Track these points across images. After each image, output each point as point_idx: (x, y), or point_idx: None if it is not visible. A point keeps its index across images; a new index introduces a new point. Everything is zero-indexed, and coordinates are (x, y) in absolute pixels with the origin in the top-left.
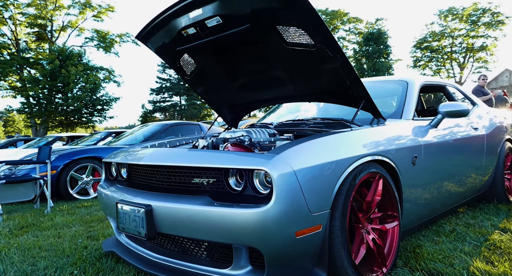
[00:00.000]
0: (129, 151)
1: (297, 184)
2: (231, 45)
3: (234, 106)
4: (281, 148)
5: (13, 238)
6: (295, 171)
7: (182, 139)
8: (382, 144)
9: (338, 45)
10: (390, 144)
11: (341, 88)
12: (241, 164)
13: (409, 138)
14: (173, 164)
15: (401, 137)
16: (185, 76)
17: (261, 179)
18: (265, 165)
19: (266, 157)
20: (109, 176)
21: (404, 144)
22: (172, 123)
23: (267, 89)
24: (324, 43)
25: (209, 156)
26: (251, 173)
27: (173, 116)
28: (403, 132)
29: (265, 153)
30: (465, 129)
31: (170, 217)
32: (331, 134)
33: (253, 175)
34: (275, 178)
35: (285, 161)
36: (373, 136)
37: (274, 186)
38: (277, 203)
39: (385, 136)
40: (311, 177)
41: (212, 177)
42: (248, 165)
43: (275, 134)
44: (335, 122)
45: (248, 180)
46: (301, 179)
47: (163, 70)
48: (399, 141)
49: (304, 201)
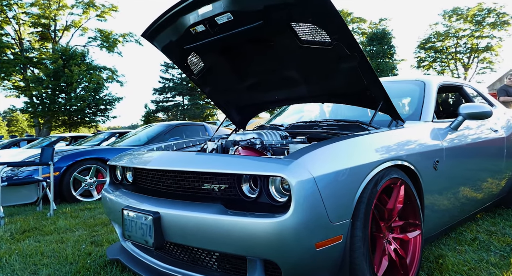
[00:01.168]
0: (135, 154)
1: (316, 191)
2: (241, 44)
3: (243, 107)
4: (298, 153)
5: (15, 243)
6: (314, 177)
7: (189, 141)
8: (403, 148)
9: (357, 43)
10: (412, 148)
11: (358, 89)
12: (256, 169)
13: (431, 142)
14: (183, 169)
15: (422, 140)
16: (192, 76)
17: (277, 186)
18: (283, 171)
19: (283, 163)
20: (114, 180)
21: (426, 148)
22: (176, 123)
23: (278, 89)
24: (342, 41)
25: (222, 161)
26: (267, 180)
27: (176, 116)
28: (424, 135)
29: (281, 158)
30: (485, 131)
31: (180, 225)
32: (351, 138)
33: (268, 181)
34: (294, 186)
35: (304, 167)
36: (394, 140)
37: (292, 194)
38: (296, 212)
39: (406, 140)
40: (331, 184)
41: (224, 183)
42: (264, 171)
43: (287, 136)
44: (350, 124)
45: (263, 187)
46: (320, 186)
47: (166, 70)
48: (420, 145)
49: (324, 210)
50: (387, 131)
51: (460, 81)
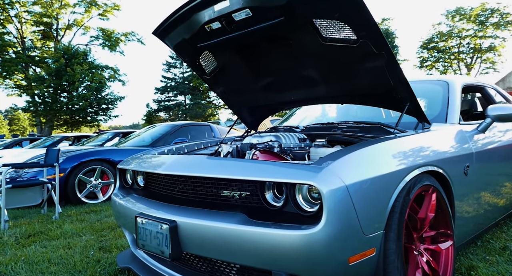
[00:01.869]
0: (146, 158)
1: (349, 201)
2: (257, 41)
3: (256, 107)
4: (327, 159)
5: (20, 249)
6: (347, 186)
7: (200, 143)
8: (434, 153)
9: (385, 40)
10: (442, 152)
11: (383, 89)
12: (284, 177)
13: (461, 145)
14: (201, 175)
15: (452, 144)
16: (204, 75)
17: (304, 194)
18: (313, 179)
19: (313, 170)
20: (123, 184)
21: (456, 152)
22: (182, 124)
23: (295, 89)
24: (369, 38)
25: (245, 167)
26: (293, 187)
27: (177, 115)
28: (453, 138)
29: (310, 165)
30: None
31: (199, 235)
32: (380, 142)
33: (295, 189)
34: (326, 195)
35: (335, 174)
36: (424, 144)
37: (324, 203)
38: (329, 224)
39: (436, 144)
40: (363, 193)
41: (245, 190)
42: (292, 178)
43: (305, 139)
44: (371, 126)
45: (290, 195)
46: (353, 195)
47: (168, 69)
48: (451, 149)
49: (358, 221)
50: (416, 135)
51: (482, 81)
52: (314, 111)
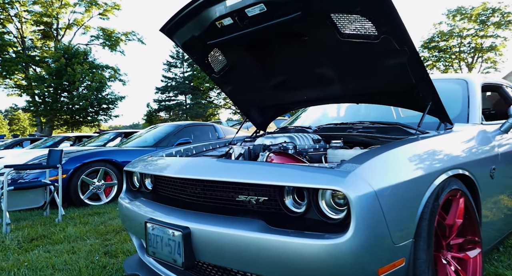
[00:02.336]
0: (155, 160)
1: (378, 208)
2: (270, 38)
3: (266, 107)
4: (352, 161)
5: (23, 254)
6: (375, 191)
7: (209, 143)
8: (460, 155)
9: (409, 36)
10: (469, 154)
11: (404, 88)
12: (307, 181)
13: (485, 147)
14: (216, 179)
15: (477, 145)
16: (212, 74)
17: (328, 200)
18: (339, 184)
19: (338, 174)
20: (130, 187)
21: (482, 154)
22: (185, 124)
23: (308, 88)
24: (392, 34)
25: (264, 170)
26: (316, 193)
27: (178, 115)
28: (478, 139)
29: (335, 168)
30: None
31: (214, 243)
32: (406, 144)
33: (317, 194)
34: (353, 201)
35: (363, 179)
36: (450, 145)
37: (352, 210)
38: (357, 232)
39: (461, 145)
40: (393, 198)
41: (263, 195)
42: (316, 183)
43: (319, 140)
44: (389, 126)
45: (312, 201)
46: (382, 201)
47: (168, 69)
48: (476, 151)
49: (387, 230)
50: (440, 136)
51: (500, 79)
52: (323, 111)
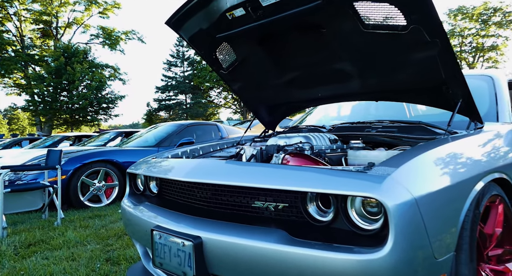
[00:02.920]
0: (160, 161)
1: (419, 218)
2: (285, 31)
3: (277, 105)
4: (386, 165)
5: (19, 261)
6: (416, 199)
7: (216, 144)
8: (498, 157)
9: (442, 26)
10: (506, 156)
11: (432, 84)
12: (335, 187)
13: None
14: (230, 183)
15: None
16: (220, 70)
17: (357, 207)
18: (375, 190)
19: (373, 179)
20: (134, 190)
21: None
22: (188, 123)
23: (324, 85)
24: (423, 23)
25: (284, 175)
26: (344, 200)
27: (178, 114)
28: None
29: (367, 172)
30: None
31: (229, 255)
32: (439, 145)
33: (346, 202)
34: (391, 210)
35: (401, 184)
36: (486, 147)
37: (390, 221)
38: (397, 246)
39: (497, 146)
40: (433, 207)
41: (282, 201)
42: (346, 189)
43: (336, 140)
44: (412, 126)
45: (341, 208)
46: (423, 210)
47: (168, 68)
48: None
49: (428, 243)
50: (473, 136)
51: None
52: (333, 110)
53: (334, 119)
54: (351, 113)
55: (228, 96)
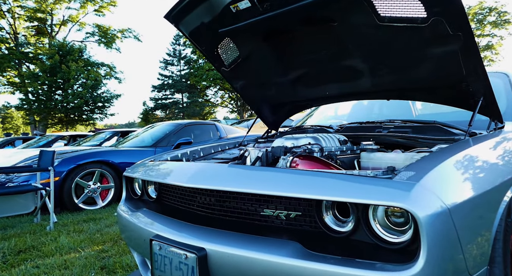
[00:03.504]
0: (159, 164)
1: (453, 230)
2: (292, 25)
3: (281, 104)
4: (411, 170)
5: (8, 270)
6: (449, 208)
7: (217, 145)
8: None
9: (466, 16)
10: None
11: (451, 81)
12: (358, 195)
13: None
14: (238, 190)
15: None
16: (222, 68)
17: (380, 218)
18: (404, 199)
19: (400, 186)
20: (131, 195)
21: None
22: (185, 122)
23: (332, 83)
24: (446, 15)
25: (298, 181)
26: (366, 208)
27: (174, 114)
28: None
29: (393, 178)
30: None
31: (237, 270)
32: (465, 149)
33: (368, 211)
34: (423, 221)
35: (432, 192)
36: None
37: (422, 233)
38: (430, 262)
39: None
40: (467, 217)
41: (294, 209)
42: (371, 198)
43: (346, 141)
44: (426, 126)
45: (362, 218)
46: (456, 221)
47: (165, 66)
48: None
49: (463, 258)
50: (497, 137)
51: None
52: (337, 109)
53: (338, 118)
54: (355, 113)
55: (224, 95)
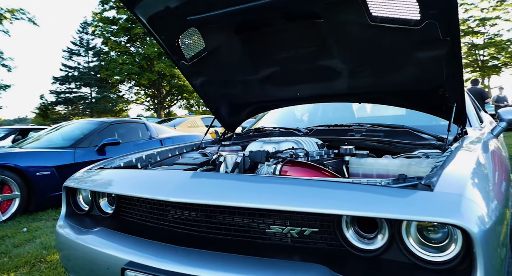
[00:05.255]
0: (116, 173)
1: (499, 245)
2: (274, 18)
3: (245, 105)
4: (446, 179)
5: None
6: (494, 222)
7: (175, 148)
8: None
9: (459, 22)
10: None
11: (430, 86)
12: (395, 211)
13: (504, 153)
14: (243, 205)
15: (501, 152)
16: (181, 61)
17: (413, 233)
18: (454, 214)
19: (445, 199)
20: (74, 209)
21: (506, 161)
22: (111, 121)
23: (305, 83)
24: (440, 19)
25: (316, 194)
26: (399, 224)
27: (81, 109)
28: (494, 145)
29: (434, 188)
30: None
31: None
32: (474, 154)
33: (400, 226)
34: (478, 238)
35: (478, 205)
36: (503, 151)
37: (478, 253)
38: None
39: (500, 152)
40: (501, 230)
41: (309, 225)
42: (414, 214)
43: (323, 145)
44: (397, 130)
45: (396, 235)
46: (499, 235)
47: (69, 56)
48: (502, 158)
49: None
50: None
51: None
52: (289, 111)
53: (292, 121)
54: (309, 115)
55: (140, 91)
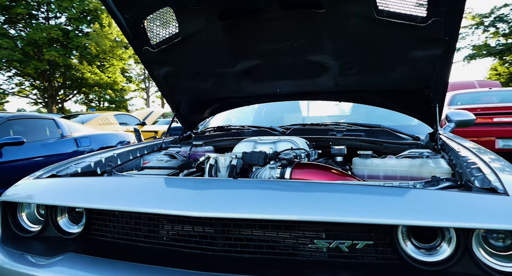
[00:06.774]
0: (86, 182)
1: None
2: (267, 5)
3: (212, 101)
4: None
5: None
6: None
7: (135, 148)
8: None
9: (461, 22)
10: None
11: (418, 85)
12: (480, 219)
13: None
14: (283, 218)
15: None
16: (144, 47)
17: (482, 243)
18: None
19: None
20: (15, 231)
21: None
22: (9, 116)
23: (287, 79)
24: (447, 17)
25: (377, 203)
26: (469, 234)
27: None
28: None
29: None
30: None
31: None
32: (479, 153)
33: (471, 236)
34: None
35: None
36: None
37: None
38: None
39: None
40: None
41: (361, 238)
42: (502, 222)
43: (312, 145)
44: (376, 130)
45: (466, 246)
46: None
47: None
48: None
49: None
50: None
51: None
52: (241, 110)
53: (245, 120)
54: (264, 115)
55: (24, 82)
